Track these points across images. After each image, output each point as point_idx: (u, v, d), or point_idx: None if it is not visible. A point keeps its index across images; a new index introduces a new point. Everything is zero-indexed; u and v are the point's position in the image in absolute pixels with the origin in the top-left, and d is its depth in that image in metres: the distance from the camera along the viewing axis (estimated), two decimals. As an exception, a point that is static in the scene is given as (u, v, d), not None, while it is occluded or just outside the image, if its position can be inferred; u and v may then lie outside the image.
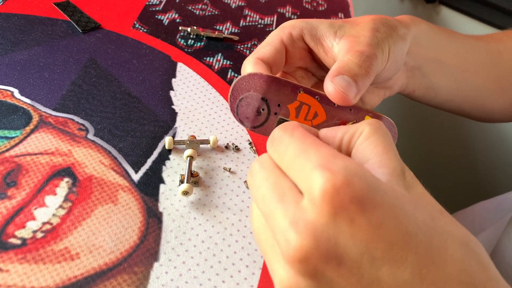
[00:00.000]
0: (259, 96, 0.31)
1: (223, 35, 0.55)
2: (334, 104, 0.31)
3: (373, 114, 0.33)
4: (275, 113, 0.31)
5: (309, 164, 0.22)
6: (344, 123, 0.32)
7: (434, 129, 0.98)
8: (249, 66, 0.33)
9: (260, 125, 0.31)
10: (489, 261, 0.23)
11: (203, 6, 0.62)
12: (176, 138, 0.42)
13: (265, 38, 0.37)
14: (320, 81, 0.38)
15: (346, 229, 0.21)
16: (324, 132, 0.27)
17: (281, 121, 0.31)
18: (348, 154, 0.26)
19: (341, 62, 0.31)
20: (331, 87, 0.31)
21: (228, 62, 0.52)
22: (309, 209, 0.21)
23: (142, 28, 0.56)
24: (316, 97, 0.32)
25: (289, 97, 0.31)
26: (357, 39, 0.33)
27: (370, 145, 0.25)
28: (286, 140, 0.24)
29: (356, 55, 0.31)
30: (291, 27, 0.36)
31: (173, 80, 0.49)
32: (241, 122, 0.31)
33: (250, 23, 0.59)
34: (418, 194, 0.24)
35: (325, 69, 0.37)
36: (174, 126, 0.44)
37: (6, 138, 0.40)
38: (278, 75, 0.37)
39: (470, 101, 0.45)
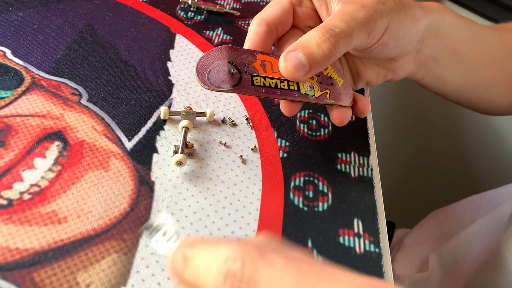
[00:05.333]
0: (225, 61, 0.33)
1: (224, 10, 0.54)
2: None
3: (335, 69, 0.36)
4: (246, 72, 0.33)
5: None
6: None
7: (427, 125, 0.98)
8: (252, 26, 0.35)
9: (238, 83, 0.32)
10: None
11: (205, -20, 0.61)
12: (172, 109, 0.41)
13: None
14: None
15: None
16: None
17: (253, 78, 0.33)
18: None
19: (304, 36, 0.32)
20: (281, 63, 0.32)
21: (228, 37, 0.51)
22: None
23: (142, -2, 0.54)
24: (272, 55, 0.34)
25: (250, 58, 0.34)
26: (347, 10, 0.32)
27: None
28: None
29: (321, 32, 0.31)
30: None
31: (171, 51, 0.48)
32: (219, 87, 0.32)
33: (252, 0, 0.58)
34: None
35: None
36: (170, 97, 0.43)
37: (-4, 98, 0.39)
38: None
39: (478, 93, 0.45)
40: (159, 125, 0.40)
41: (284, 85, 0.33)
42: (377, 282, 0.18)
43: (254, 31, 0.35)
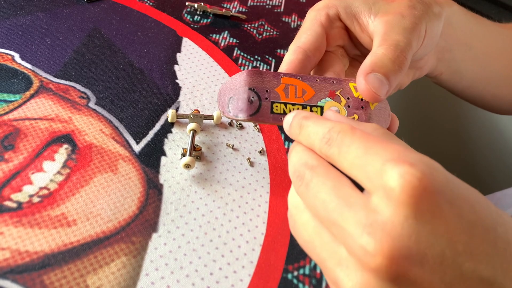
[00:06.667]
0: (246, 87, 0.32)
1: (230, 13, 0.54)
2: (317, 79, 0.33)
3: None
4: (266, 98, 0.32)
5: (379, 159, 0.21)
6: (332, 93, 0.33)
7: (432, 127, 0.98)
8: (288, 54, 0.34)
9: (255, 112, 0.31)
10: None
11: (211, -16, 0.61)
12: (180, 112, 0.42)
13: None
14: (353, 60, 0.38)
15: (427, 223, 0.19)
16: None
17: (273, 105, 0.32)
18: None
19: (374, 56, 0.31)
20: (363, 85, 0.31)
21: (235, 40, 0.51)
22: (383, 208, 0.20)
23: (148, 2, 0.55)
24: (298, 77, 0.33)
25: (274, 83, 0.32)
26: (393, 21, 0.32)
27: None
28: (347, 139, 0.23)
29: (390, 48, 0.31)
30: (326, 7, 0.35)
31: (178, 54, 0.48)
32: (236, 116, 0.31)
33: (258, 3, 0.58)
34: None
35: (359, 47, 0.37)
36: (178, 100, 0.43)
37: (5, 101, 0.39)
38: None
39: (491, 89, 0.45)
40: (167, 128, 0.40)
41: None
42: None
43: (289, 60, 0.34)
